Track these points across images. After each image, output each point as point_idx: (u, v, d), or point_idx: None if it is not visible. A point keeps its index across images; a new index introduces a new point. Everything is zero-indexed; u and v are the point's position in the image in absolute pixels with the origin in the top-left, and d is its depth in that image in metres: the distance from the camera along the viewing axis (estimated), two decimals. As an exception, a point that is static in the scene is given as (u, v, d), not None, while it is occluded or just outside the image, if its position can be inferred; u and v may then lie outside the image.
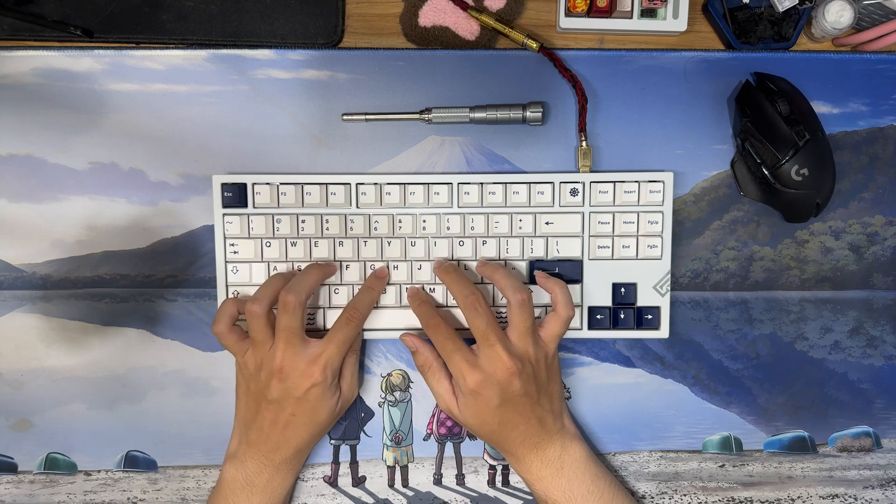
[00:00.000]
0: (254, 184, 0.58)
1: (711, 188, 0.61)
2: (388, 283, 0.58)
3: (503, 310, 0.58)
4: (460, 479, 0.62)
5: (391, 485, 0.62)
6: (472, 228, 0.58)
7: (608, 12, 0.59)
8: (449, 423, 0.62)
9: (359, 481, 0.62)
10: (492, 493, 0.62)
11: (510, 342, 0.53)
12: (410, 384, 0.62)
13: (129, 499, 0.61)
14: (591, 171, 0.59)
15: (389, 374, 0.62)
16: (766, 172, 0.57)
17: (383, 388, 0.62)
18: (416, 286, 0.58)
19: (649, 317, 0.59)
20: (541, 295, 0.58)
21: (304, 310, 0.54)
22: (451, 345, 0.53)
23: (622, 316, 0.59)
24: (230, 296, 0.58)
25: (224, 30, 0.60)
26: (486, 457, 0.62)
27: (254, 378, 0.54)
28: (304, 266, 0.58)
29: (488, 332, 0.52)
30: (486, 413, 0.53)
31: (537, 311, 0.58)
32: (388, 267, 0.58)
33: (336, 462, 0.62)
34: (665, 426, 0.62)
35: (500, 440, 0.55)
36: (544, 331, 0.54)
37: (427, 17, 0.60)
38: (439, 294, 0.59)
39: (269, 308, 0.54)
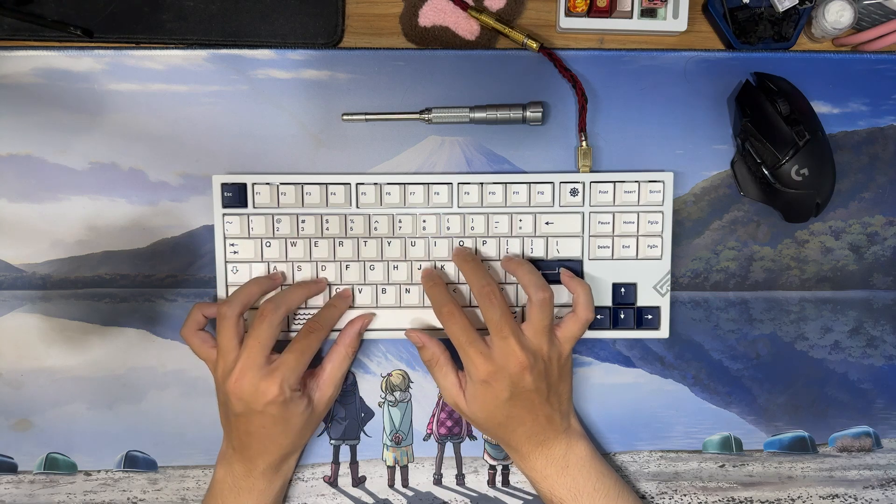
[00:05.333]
0: (254, 184, 0.58)
1: (711, 188, 0.61)
2: (388, 284, 0.58)
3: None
4: (460, 479, 0.62)
5: (391, 485, 0.62)
6: (472, 228, 0.58)
7: (608, 12, 0.59)
8: (449, 423, 0.62)
9: (359, 481, 0.62)
10: (492, 493, 0.62)
11: (524, 336, 0.52)
12: (410, 384, 0.62)
13: (129, 499, 0.61)
14: (591, 171, 0.59)
15: (389, 374, 0.62)
16: (766, 172, 0.57)
17: (383, 388, 0.62)
18: (430, 266, 0.58)
19: (649, 317, 0.59)
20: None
21: (280, 325, 0.53)
22: (465, 336, 0.52)
23: (622, 316, 0.59)
24: (210, 303, 0.58)
25: (224, 30, 0.60)
26: (486, 457, 0.62)
27: (220, 389, 0.54)
28: (303, 266, 0.58)
29: (502, 323, 0.52)
30: (493, 406, 0.53)
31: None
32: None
33: (336, 462, 0.62)
34: (665, 426, 0.62)
35: (506, 435, 0.55)
36: (561, 331, 0.54)
37: (427, 17, 0.60)
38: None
39: (240, 312, 0.54)
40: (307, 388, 0.55)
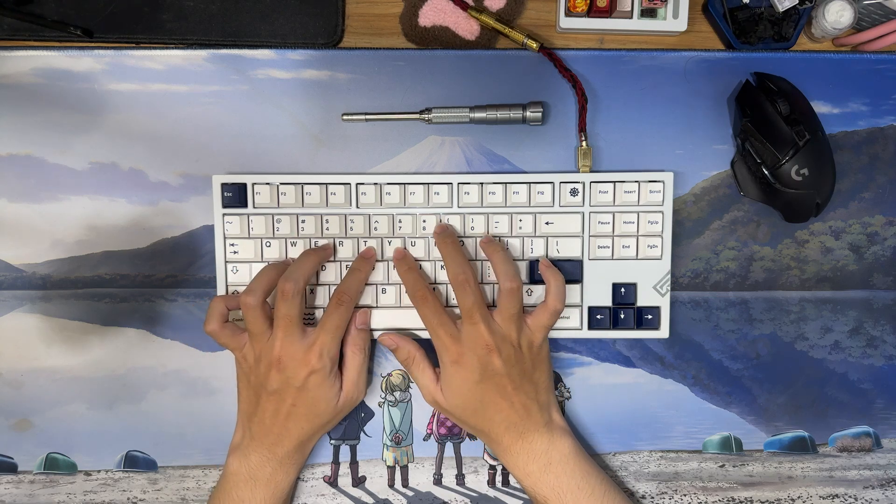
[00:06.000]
0: (254, 184, 0.58)
1: (711, 188, 0.61)
2: (388, 284, 0.58)
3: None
4: (460, 479, 0.62)
5: (391, 485, 0.62)
6: (472, 228, 0.58)
7: (608, 12, 0.59)
8: (449, 423, 0.62)
9: (359, 481, 0.62)
10: (492, 493, 0.62)
11: (494, 322, 0.53)
12: (410, 384, 0.62)
13: (129, 499, 0.61)
14: (591, 171, 0.59)
15: (389, 374, 0.62)
16: (766, 172, 0.57)
17: (383, 388, 0.62)
18: (404, 249, 0.58)
19: (649, 317, 0.59)
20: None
21: (303, 297, 0.54)
22: (436, 319, 0.54)
23: (622, 316, 0.59)
24: (229, 294, 0.58)
25: (224, 30, 0.60)
26: (486, 457, 0.62)
27: (253, 370, 0.55)
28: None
29: (474, 310, 0.53)
30: (466, 389, 0.54)
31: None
32: (376, 246, 0.58)
33: (336, 462, 0.62)
34: (665, 426, 0.62)
35: (485, 424, 0.55)
36: (532, 319, 0.55)
37: (427, 17, 0.60)
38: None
39: (263, 299, 0.54)
40: (341, 375, 0.56)
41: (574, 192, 0.58)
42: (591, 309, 0.59)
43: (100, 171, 0.60)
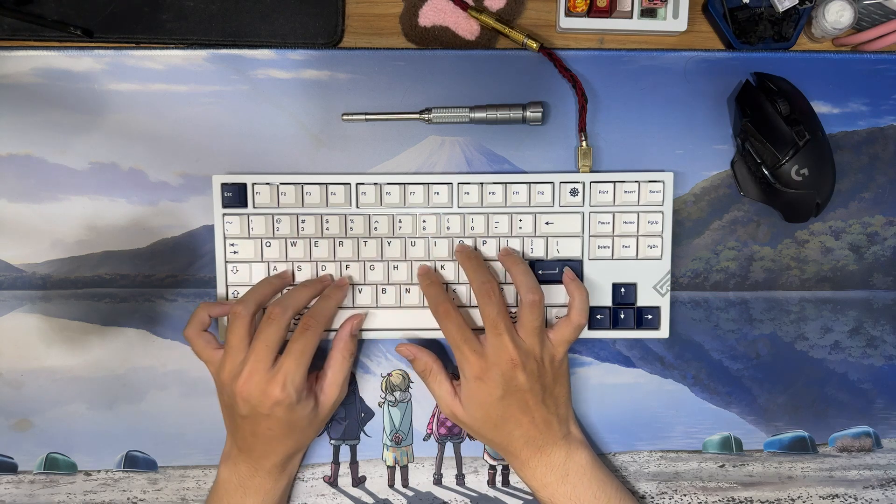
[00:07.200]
0: (254, 184, 0.58)
1: (711, 188, 0.61)
2: (388, 284, 0.58)
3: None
4: (460, 479, 0.62)
5: (391, 485, 0.62)
6: (472, 228, 0.58)
7: (608, 12, 0.59)
8: (449, 423, 0.62)
9: (359, 481, 0.62)
10: (492, 493, 0.62)
11: (518, 336, 0.53)
12: (410, 384, 0.62)
13: (129, 499, 0.61)
14: (591, 171, 0.59)
15: (389, 374, 0.62)
16: (766, 172, 0.57)
17: (383, 388, 0.62)
18: (427, 265, 0.58)
19: (649, 317, 0.59)
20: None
21: (288, 325, 0.53)
22: (459, 334, 0.53)
23: (622, 316, 0.59)
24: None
25: (224, 30, 0.60)
26: (486, 457, 0.62)
27: (225, 391, 0.54)
28: (303, 266, 0.58)
29: (498, 320, 0.52)
30: (488, 404, 0.53)
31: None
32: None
33: (336, 462, 0.62)
34: (665, 426, 0.62)
35: (504, 439, 0.55)
36: (554, 334, 0.55)
37: (427, 17, 0.60)
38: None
39: (253, 311, 0.53)
40: (313, 389, 0.55)
41: (574, 192, 0.58)
42: (591, 309, 0.59)
43: (100, 171, 0.60)
